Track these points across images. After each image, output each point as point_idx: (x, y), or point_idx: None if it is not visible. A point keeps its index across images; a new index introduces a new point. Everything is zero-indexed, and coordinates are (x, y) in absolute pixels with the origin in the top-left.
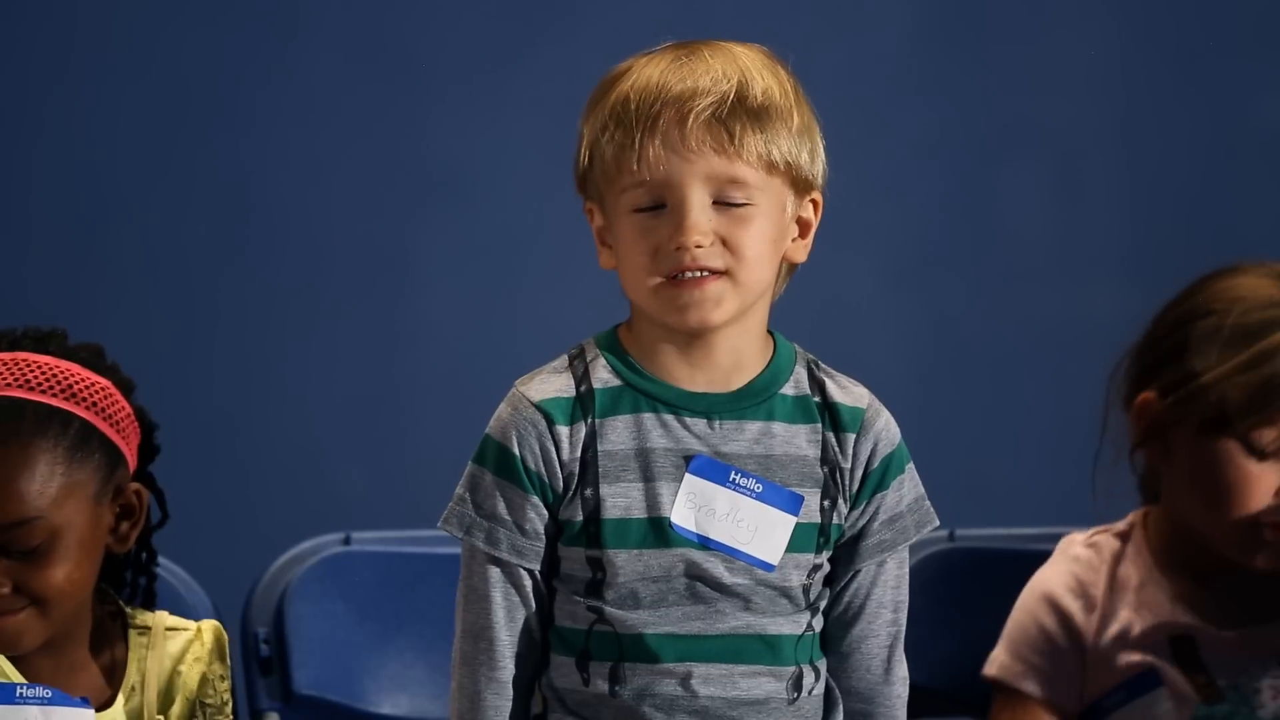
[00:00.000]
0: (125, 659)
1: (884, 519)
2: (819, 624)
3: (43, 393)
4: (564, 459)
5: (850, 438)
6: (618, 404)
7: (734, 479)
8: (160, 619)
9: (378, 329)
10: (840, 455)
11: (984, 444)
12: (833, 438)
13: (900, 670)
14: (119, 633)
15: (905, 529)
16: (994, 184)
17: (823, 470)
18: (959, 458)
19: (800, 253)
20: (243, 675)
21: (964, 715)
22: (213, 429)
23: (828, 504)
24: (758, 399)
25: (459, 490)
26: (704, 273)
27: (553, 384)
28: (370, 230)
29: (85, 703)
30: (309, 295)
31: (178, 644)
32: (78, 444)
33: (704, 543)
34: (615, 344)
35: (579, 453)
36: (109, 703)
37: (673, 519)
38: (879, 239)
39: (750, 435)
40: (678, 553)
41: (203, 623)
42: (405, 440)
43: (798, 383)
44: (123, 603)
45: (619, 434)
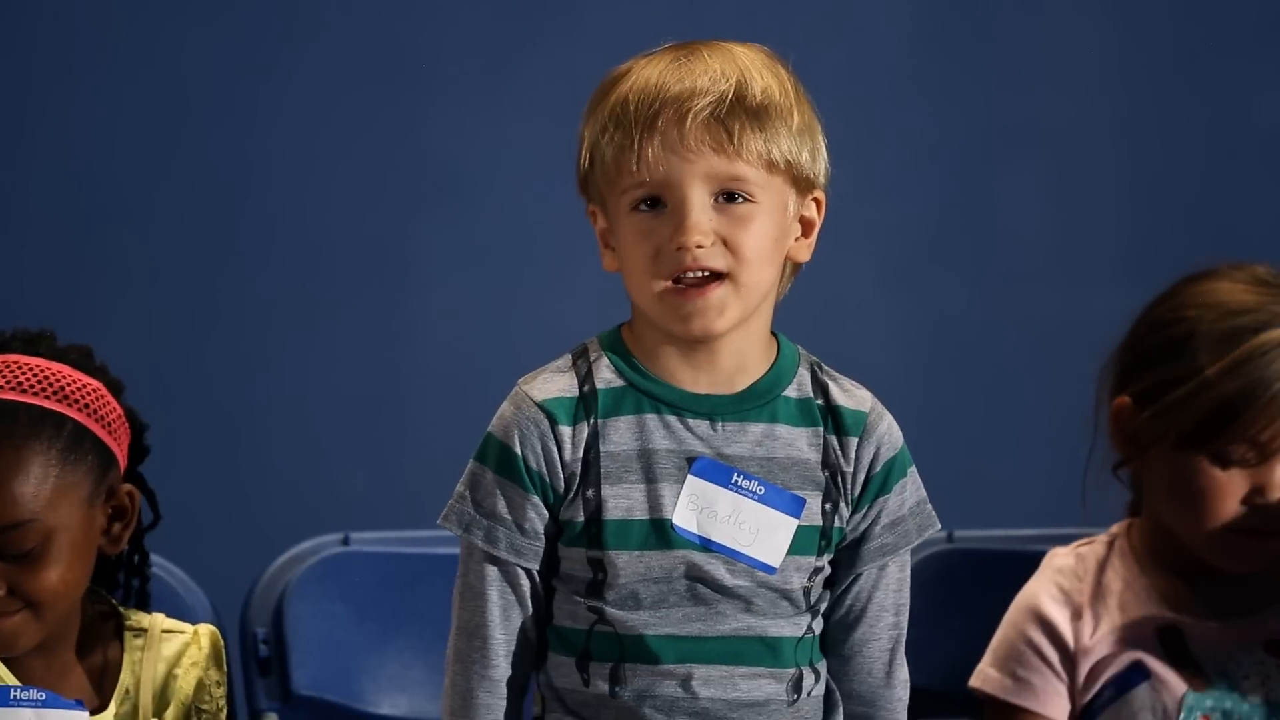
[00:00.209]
0: (120, 661)
1: (886, 523)
2: (819, 626)
3: (35, 395)
4: (566, 459)
5: (852, 441)
6: (620, 404)
7: (736, 481)
8: (156, 621)
9: (377, 329)
10: (842, 459)
11: (983, 445)
12: (835, 441)
13: (901, 674)
14: (113, 635)
15: (907, 533)
16: (994, 184)
17: (824, 474)
18: (958, 458)
19: (803, 252)
20: (242, 675)
21: (962, 716)
22: (211, 429)
23: (829, 507)
24: (761, 401)
25: (459, 488)
26: (705, 273)
27: (556, 383)
28: (369, 230)
29: (80, 705)
30: (308, 295)
31: (173, 647)
32: (71, 446)
33: (705, 544)
34: (619, 344)
35: (581, 453)
36: (103, 705)
37: (674, 520)
38: (879, 239)
39: (753, 437)
40: (679, 554)
41: (199, 627)
42: (404, 440)
43: (800, 385)
44: (117, 604)
45: (621, 435)
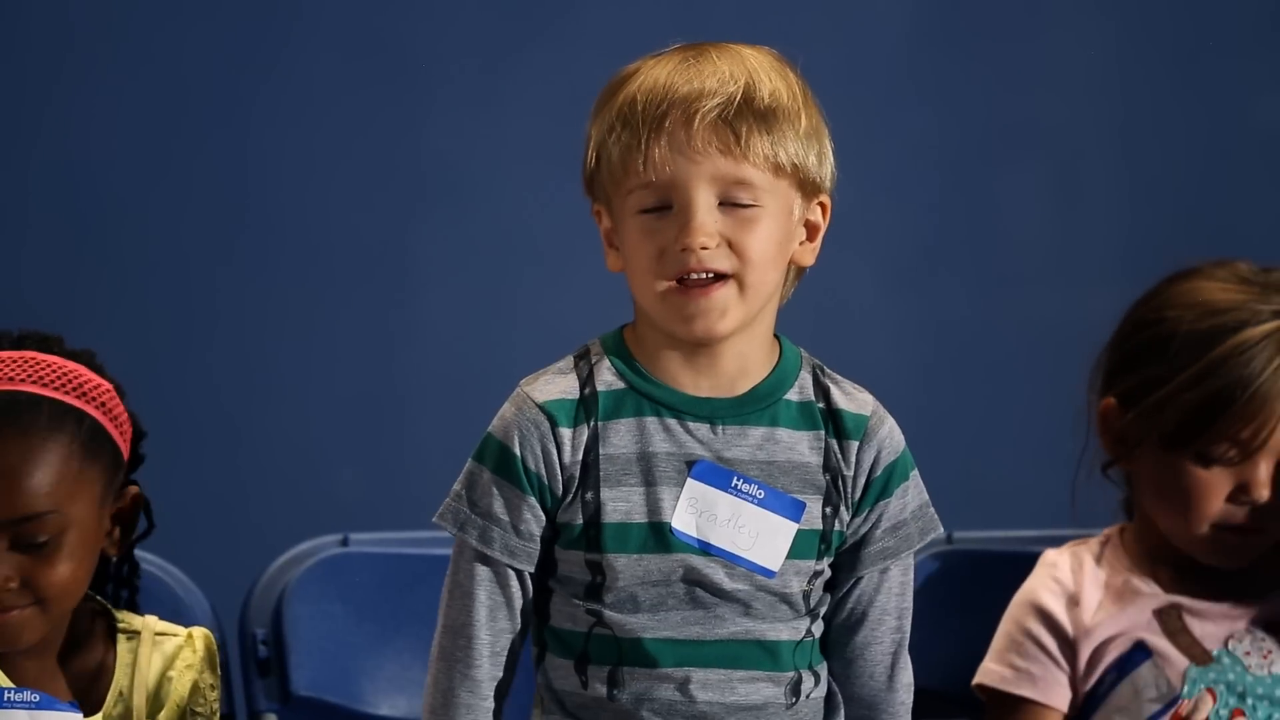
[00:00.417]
0: (112, 663)
1: (887, 526)
2: (819, 629)
3: (56, 390)
4: (565, 461)
5: (853, 445)
6: (621, 407)
7: (736, 485)
8: (149, 624)
9: (375, 330)
10: (843, 463)
11: (983, 446)
12: (835, 445)
13: (904, 677)
14: (105, 637)
15: (909, 536)
16: (993, 185)
17: (825, 477)
18: (958, 460)
19: (808, 256)
20: (241, 676)
21: (962, 717)
22: (211, 430)
23: (829, 511)
24: (762, 404)
25: (456, 487)
26: (710, 275)
27: (557, 385)
28: (368, 230)
29: (74, 706)
30: (306, 296)
31: (167, 649)
32: (89, 443)
33: (705, 548)
34: (620, 346)
35: (581, 455)
36: (95, 708)
37: (673, 524)
38: (878, 240)
39: (753, 441)
40: (678, 558)
41: (193, 630)
42: (403, 441)
43: (802, 388)
44: (109, 606)
45: (621, 437)
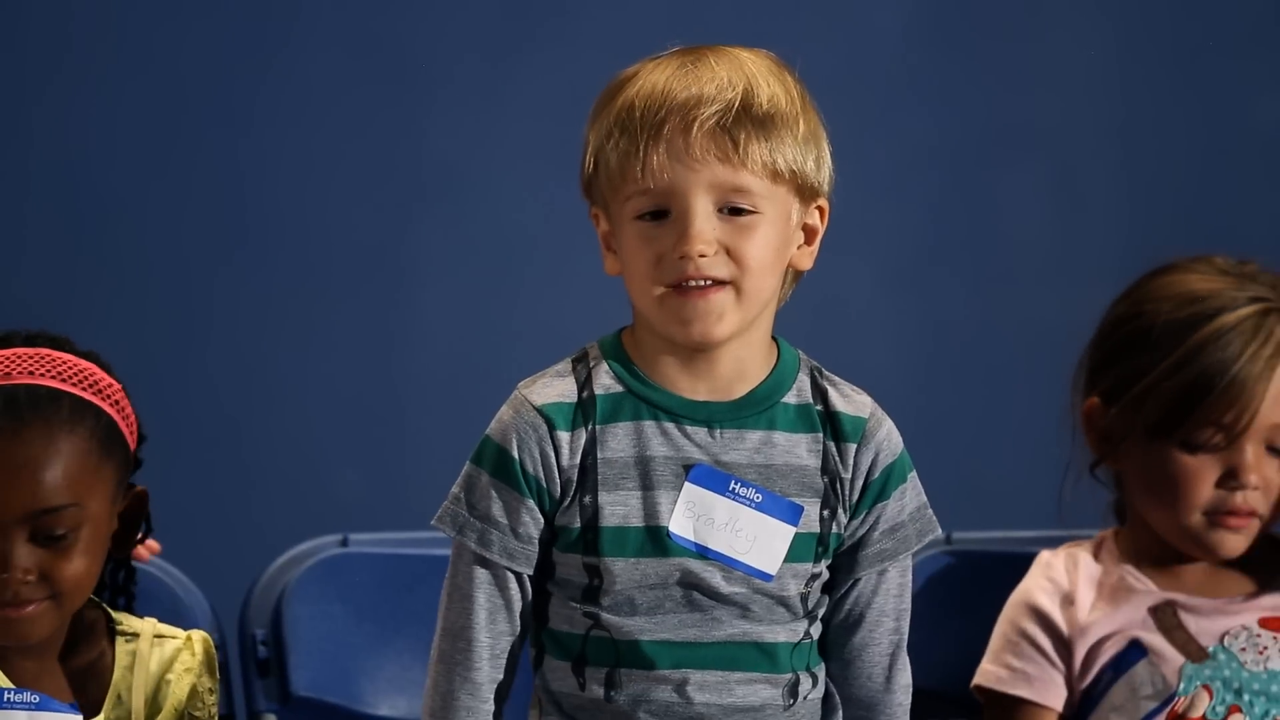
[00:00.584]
0: (111, 665)
1: (884, 528)
2: (817, 631)
3: (74, 386)
4: (563, 465)
5: (851, 448)
6: (619, 411)
7: (734, 488)
8: (148, 626)
9: (375, 330)
10: (840, 465)
11: (982, 447)
12: (833, 447)
13: (903, 678)
14: (105, 638)
15: (907, 538)
16: (992, 186)
17: (823, 480)
18: (957, 461)
19: (806, 260)
20: (240, 677)
21: (962, 718)
22: (210, 430)
23: (827, 514)
24: (759, 408)
25: (454, 489)
26: (708, 282)
27: (555, 388)
28: (367, 231)
29: (73, 708)
30: (306, 296)
31: (166, 652)
32: (106, 439)
33: (702, 552)
34: (619, 350)
35: (578, 459)
36: (95, 710)
37: (671, 528)
38: (877, 241)
39: (751, 444)
40: (675, 562)
41: (192, 632)
42: (403, 442)
43: (800, 391)
44: (108, 608)
45: (619, 441)
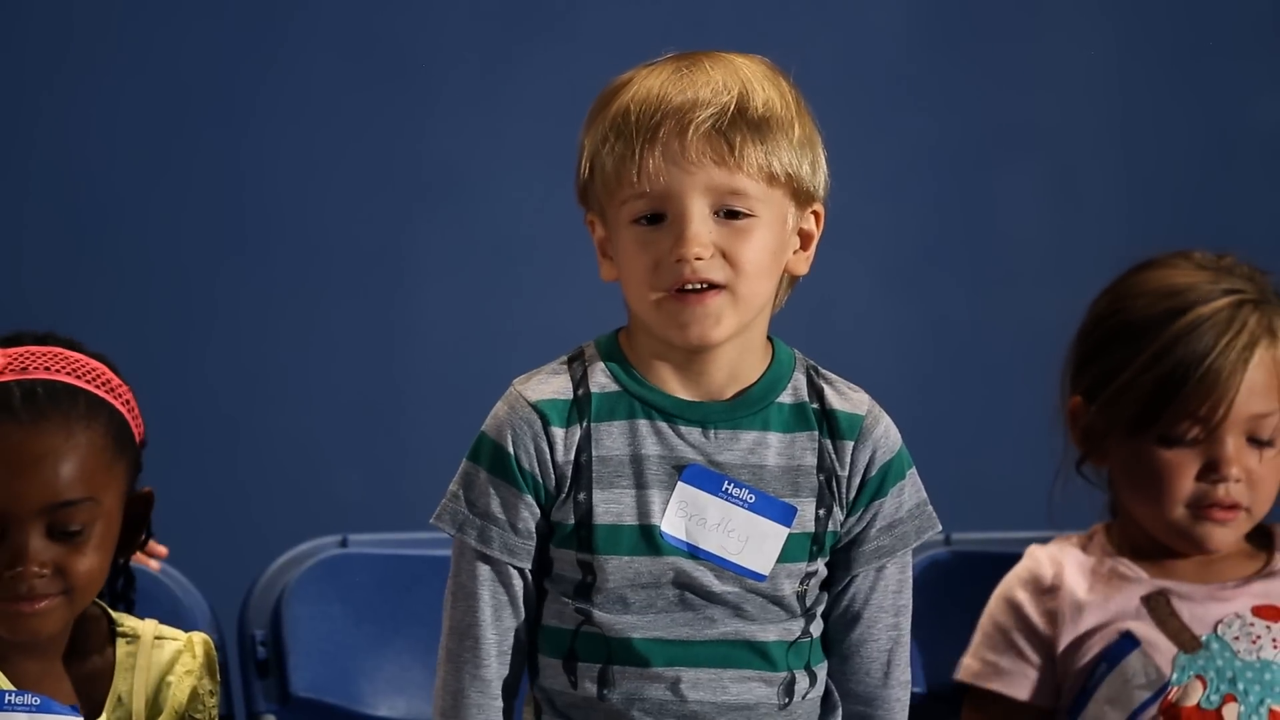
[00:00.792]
0: (111, 667)
1: (881, 525)
2: (818, 629)
3: (89, 383)
4: (558, 461)
5: (848, 445)
6: (614, 409)
7: (727, 489)
8: (148, 627)
9: (374, 330)
10: (837, 463)
11: (981, 447)
12: (830, 445)
13: (901, 674)
14: (105, 640)
15: (905, 535)
16: (990, 186)
17: (819, 478)
18: (956, 461)
19: (802, 265)
20: (240, 677)
21: (960, 718)
22: (209, 431)
23: (823, 513)
24: (754, 409)
25: (452, 487)
26: (705, 285)
27: (551, 385)
28: (366, 231)
29: (75, 710)
30: (305, 297)
31: (166, 654)
32: (119, 437)
33: (694, 552)
34: (615, 349)
35: (573, 455)
36: (95, 711)
37: (663, 528)
38: (875, 241)
39: (745, 445)
40: (668, 561)
41: (192, 634)
42: (402, 442)
43: (796, 389)
44: (108, 609)
45: (614, 439)
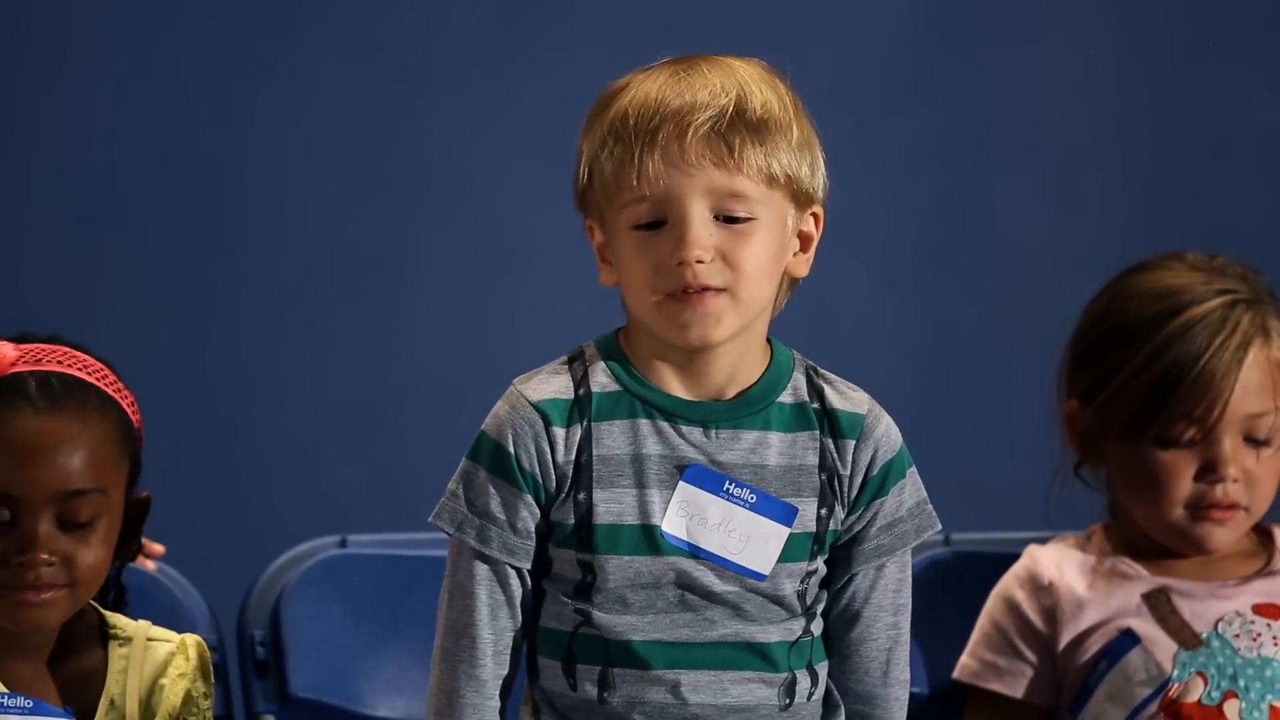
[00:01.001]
0: (104, 669)
1: (882, 524)
2: (818, 627)
3: (98, 381)
4: (559, 460)
5: (849, 444)
6: (615, 409)
7: (728, 489)
8: (141, 628)
9: (374, 331)
10: (839, 462)
11: (981, 448)
12: (831, 445)
13: (900, 674)
14: (98, 641)
15: (904, 534)
16: (990, 187)
17: (821, 478)
18: (955, 461)
19: (801, 267)
20: (239, 678)
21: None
22: (208, 431)
23: (824, 512)
24: (755, 408)
25: (451, 486)
26: (705, 288)
27: (552, 385)
28: (366, 232)
29: (68, 713)
30: (305, 297)
31: (159, 655)
32: (126, 435)
33: (694, 552)
34: (615, 349)
35: (574, 455)
36: (88, 714)
37: (663, 527)
38: (874, 242)
39: (746, 445)
40: (668, 561)
41: (185, 636)
42: (401, 442)
43: (796, 390)
44: (101, 609)
45: (614, 439)
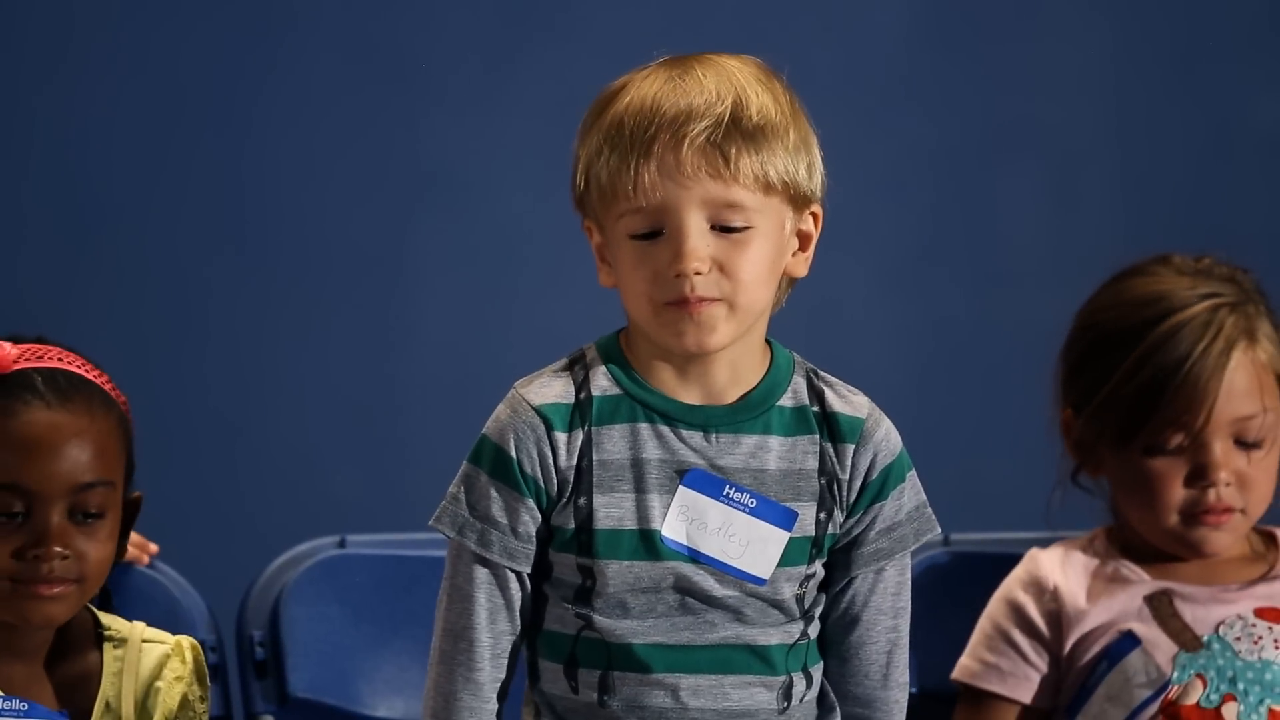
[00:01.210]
0: (99, 671)
1: (881, 528)
2: (814, 631)
3: (96, 379)
4: (560, 465)
5: (849, 449)
6: (615, 413)
7: (728, 493)
8: (136, 630)
9: (373, 331)
10: (838, 467)
11: (980, 448)
12: (831, 449)
13: (900, 677)
14: (92, 643)
15: (904, 538)
16: (990, 187)
17: (820, 482)
18: (955, 462)
19: (801, 267)
20: (238, 678)
21: None
22: (208, 432)
23: (823, 516)
24: (755, 412)
25: (452, 489)
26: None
27: (553, 388)
28: (365, 232)
29: (63, 716)
30: (304, 297)
31: (154, 657)
32: (126, 433)
33: (694, 556)
34: (616, 351)
35: (575, 460)
36: (83, 717)
37: (663, 532)
38: (874, 242)
39: (746, 449)
40: (668, 565)
41: (180, 638)
42: (400, 442)
43: (796, 393)
44: (95, 610)
45: (615, 443)
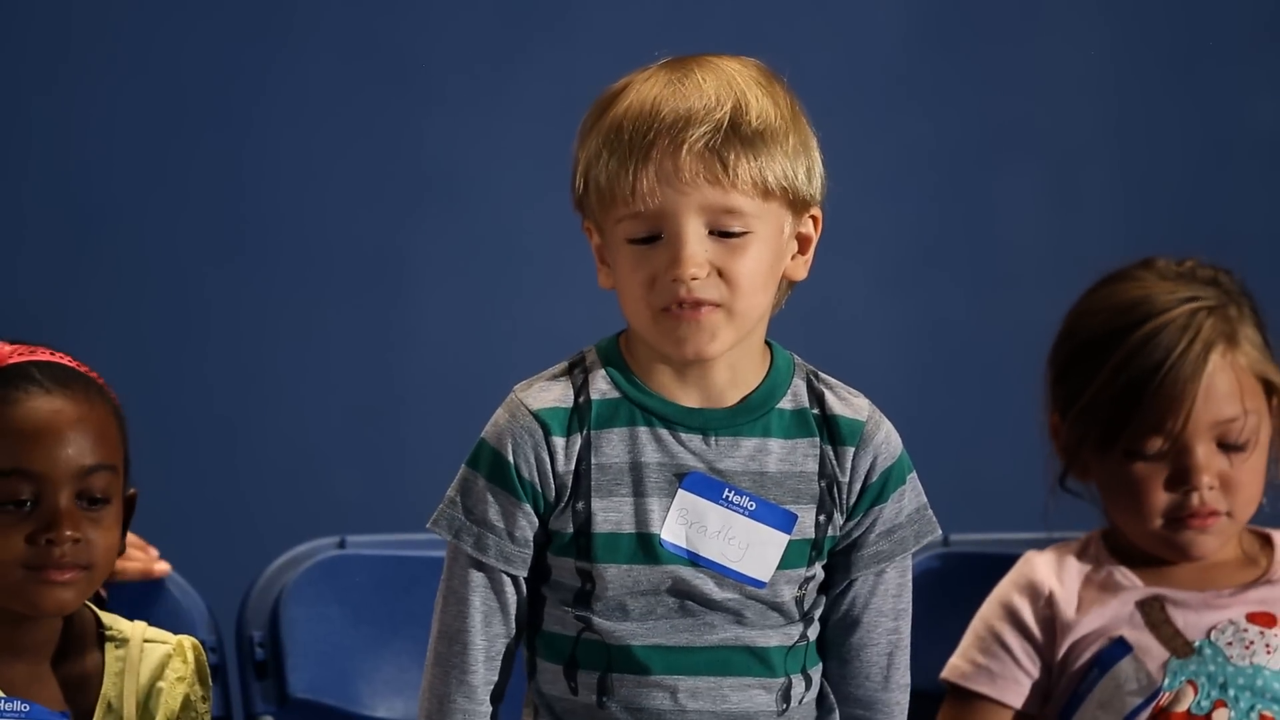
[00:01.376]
0: (100, 671)
1: (881, 530)
2: (814, 632)
3: (88, 374)
4: (559, 470)
5: (849, 451)
6: (614, 416)
7: (728, 496)
8: (138, 630)
9: (373, 333)
10: (838, 469)
11: (980, 449)
12: (831, 451)
13: (901, 678)
14: (94, 643)
15: (904, 540)
16: (989, 188)
17: (820, 484)
18: (954, 463)
19: (800, 270)
20: (238, 679)
21: None
22: (208, 433)
23: (823, 519)
24: (754, 415)
25: (450, 493)
26: (700, 303)
27: (552, 392)
28: (365, 234)
29: (65, 717)
30: (304, 299)
31: (155, 657)
32: (121, 424)
33: (694, 559)
34: (615, 354)
35: (573, 464)
36: (85, 716)
37: (663, 535)
38: (874, 243)
39: (746, 452)
40: (667, 569)
41: (181, 638)
42: (400, 443)
43: (796, 395)
44: (96, 610)
45: (613, 447)
